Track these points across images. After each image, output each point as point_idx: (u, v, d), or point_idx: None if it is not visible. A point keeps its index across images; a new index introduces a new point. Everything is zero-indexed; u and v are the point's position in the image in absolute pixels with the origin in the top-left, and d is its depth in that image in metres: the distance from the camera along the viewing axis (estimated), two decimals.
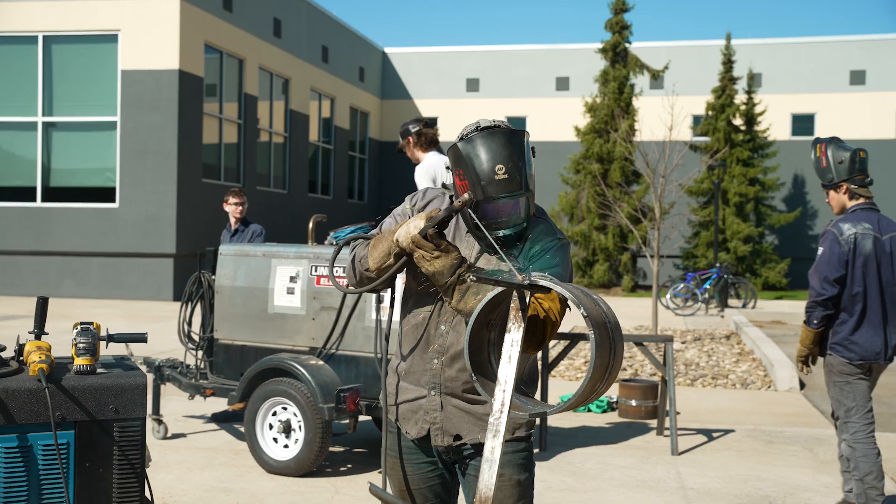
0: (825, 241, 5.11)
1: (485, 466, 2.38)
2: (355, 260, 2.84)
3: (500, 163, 2.63)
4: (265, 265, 6.83)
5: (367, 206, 29.61)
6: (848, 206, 5.20)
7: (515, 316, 2.41)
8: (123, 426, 2.67)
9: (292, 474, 6.02)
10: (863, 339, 5.01)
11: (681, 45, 29.46)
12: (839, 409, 5.12)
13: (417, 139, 6.80)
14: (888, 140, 28.65)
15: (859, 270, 5.03)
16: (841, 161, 5.16)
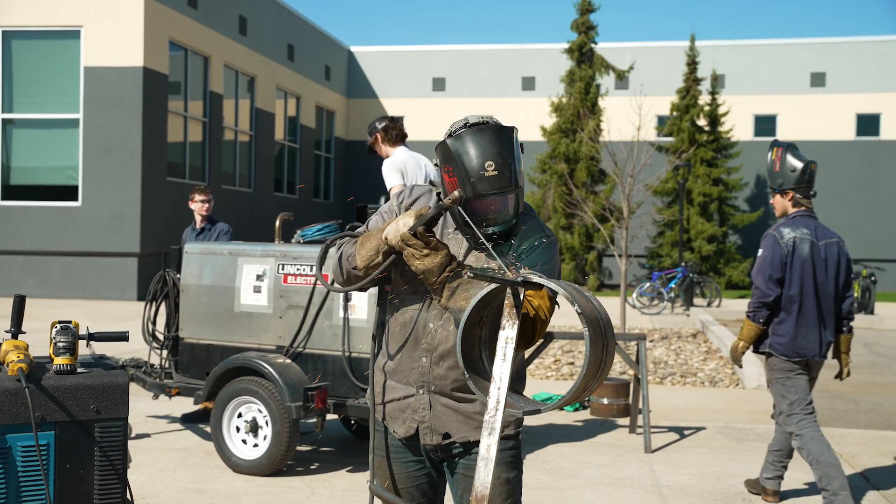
0: (766, 244, 5.42)
1: (480, 464, 2.36)
2: (342, 258, 2.81)
3: (490, 159, 2.62)
4: (231, 263, 6.78)
5: (333, 206, 29.49)
6: (790, 211, 5.52)
7: (510, 313, 2.39)
8: (105, 426, 2.62)
9: (260, 474, 5.98)
10: (800, 338, 5.31)
11: (646, 45, 29.67)
12: (782, 404, 5.39)
13: (385, 134, 6.81)
14: (847, 141, 29.05)
15: (797, 273, 5.34)
16: (794, 170, 5.46)
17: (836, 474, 5.15)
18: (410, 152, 6.83)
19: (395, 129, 6.82)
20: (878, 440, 7.50)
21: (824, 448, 5.24)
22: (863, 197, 28.80)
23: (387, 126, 6.82)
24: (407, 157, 6.72)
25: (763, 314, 5.36)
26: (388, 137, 6.83)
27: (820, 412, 8.70)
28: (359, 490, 5.72)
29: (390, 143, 6.83)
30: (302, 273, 6.58)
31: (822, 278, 5.38)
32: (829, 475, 5.16)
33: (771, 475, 5.61)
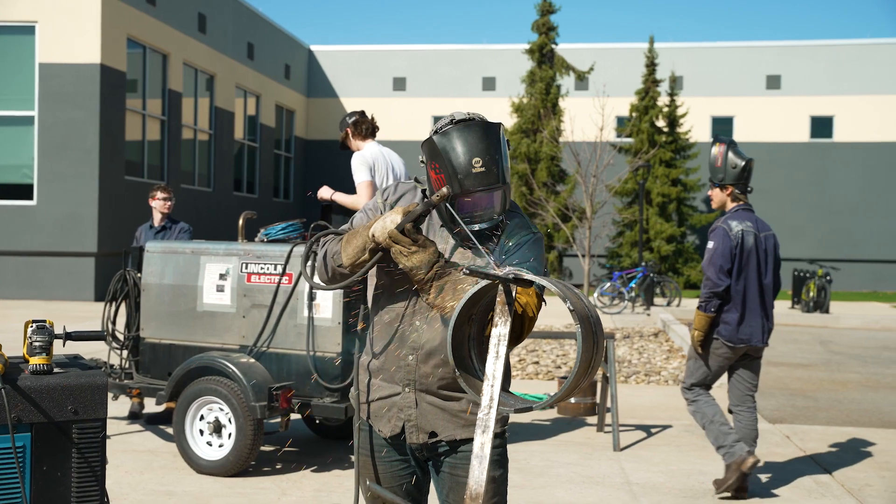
0: (716, 236, 5.69)
1: (475, 462, 2.34)
2: (327, 256, 2.77)
3: (477, 156, 2.60)
4: (194, 262, 6.71)
5: (293, 205, 29.31)
6: (728, 206, 5.83)
7: (502, 310, 2.38)
8: (83, 427, 2.55)
9: (224, 474, 5.92)
10: (744, 325, 5.63)
11: (605, 47, 29.87)
12: (692, 377, 5.81)
13: (355, 129, 6.83)
14: (801, 143, 29.49)
15: (746, 263, 5.66)
16: (735, 166, 5.76)
17: (727, 431, 5.55)
18: (381, 147, 6.82)
19: (366, 124, 6.83)
20: (840, 436, 7.60)
21: (717, 410, 5.67)
22: (816, 197, 29.24)
23: (357, 121, 6.83)
24: (376, 152, 6.71)
25: (714, 304, 5.60)
26: (358, 132, 6.84)
27: (781, 409, 8.81)
28: (330, 490, 5.66)
29: (360, 137, 6.84)
30: (266, 272, 6.53)
31: (764, 268, 5.71)
32: (722, 432, 5.54)
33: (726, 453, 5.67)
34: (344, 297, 6.26)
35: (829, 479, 6.21)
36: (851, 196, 28.96)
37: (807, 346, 14.38)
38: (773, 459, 6.72)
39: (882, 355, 13.39)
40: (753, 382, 5.83)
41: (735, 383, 5.84)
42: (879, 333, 16.81)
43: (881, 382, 10.74)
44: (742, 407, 5.79)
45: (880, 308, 21.49)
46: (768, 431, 7.69)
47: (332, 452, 6.70)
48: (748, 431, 5.70)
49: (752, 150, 29.41)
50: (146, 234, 8.35)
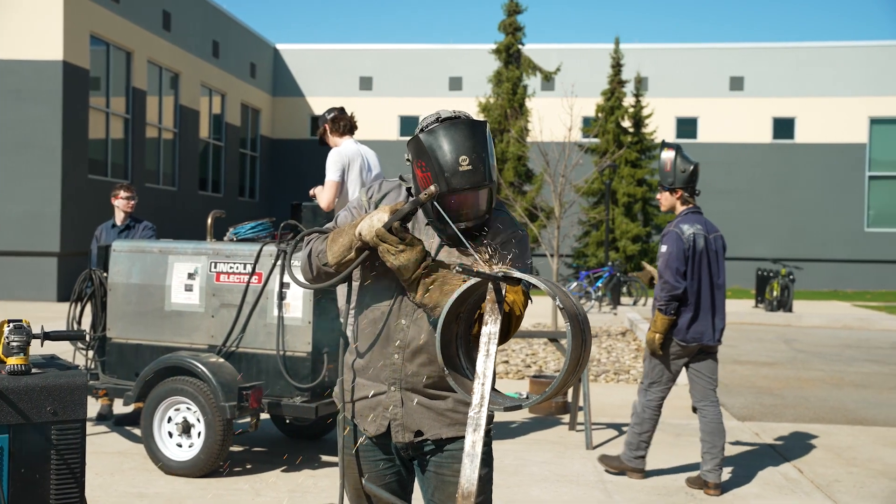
0: (669, 240, 5.83)
1: (466, 461, 2.34)
2: (312, 255, 2.75)
3: (464, 154, 2.59)
4: (162, 262, 6.66)
5: (259, 205, 29.10)
6: (678, 208, 6.04)
7: (492, 309, 2.37)
8: (62, 429, 2.50)
9: (192, 475, 5.87)
10: (697, 325, 5.81)
11: (572, 47, 29.98)
12: (646, 379, 6.01)
13: (332, 125, 6.83)
14: (764, 144, 29.79)
15: (696, 266, 5.85)
16: (684, 170, 5.95)
17: (649, 428, 5.97)
18: (358, 145, 6.80)
19: (343, 121, 6.81)
20: (808, 433, 7.67)
21: (651, 430, 6.00)
22: (779, 198, 29.57)
23: (335, 117, 6.83)
24: (353, 151, 6.69)
25: (674, 306, 5.77)
26: (335, 128, 6.83)
27: (749, 407, 8.88)
28: (304, 491, 5.62)
29: (337, 133, 6.83)
30: (235, 271, 6.49)
31: (715, 269, 5.93)
32: (644, 419, 5.95)
33: (710, 467, 5.77)
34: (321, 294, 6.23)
35: (799, 476, 6.27)
36: (813, 196, 29.32)
37: (771, 344, 14.53)
38: (744, 456, 6.77)
39: (844, 353, 13.56)
40: (712, 377, 5.98)
41: (694, 380, 5.98)
42: (841, 332, 17.03)
43: (845, 380, 10.88)
44: (705, 402, 5.92)
45: (841, 307, 21.78)
46: (737, 429, 7.75)
47: (302, 452, 6.65)
48: (715, 426, 5.81)
49: (716, 150, 29.74)
50: (108, 234, 8.24)
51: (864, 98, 29.20)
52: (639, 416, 5.98)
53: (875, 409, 9.03)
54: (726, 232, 31.25)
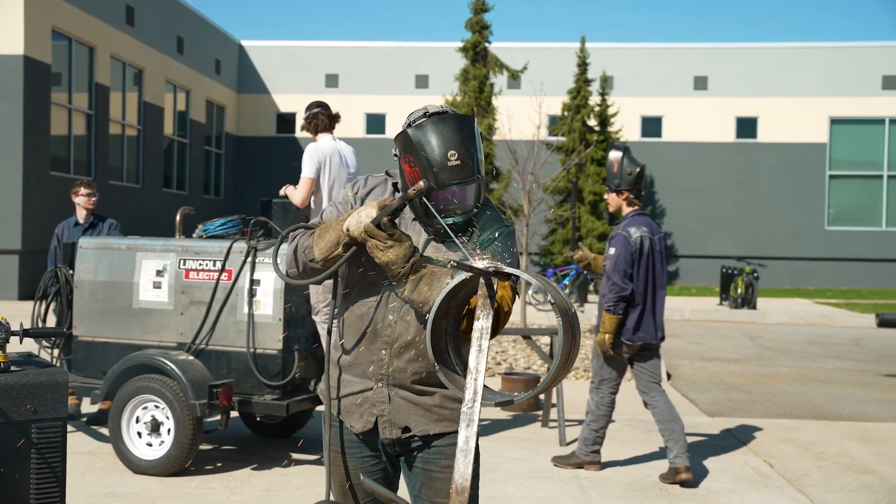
0: (617, 243, 6.00)
1: (460, 456, 2.34)
2: (298, 250, 2.72)
3: (453, 149, 2.57)
4: (129, 259, 6.59)
5: (224, 202, 28.86)
6: (624, 209, 6.21)
7: (484, 304, 2.36)
8: (42, 427, 2.44)
9: (161, 474, 5.80)
10: (644, 324, 6.01)
11: (538, 46, 30.06)
12: (595, 377, 6.19)
13: (308, 123, 6.81)
14: (727, 143, 30.07)
15: (643, 267, 6.03)
16: (630, 173, 6.14)
17: (604, 424, 6.11)
18: (337, 142, 6.76)
19: (323, 117, 6.76)
20: (776, 428, 7.75)
21: (610, 412, 6.14)
22: (742, 196, 29.87)
23: (316, 113, 6.81)
24: (331, 148, 6.66)
25: (622, 306, 5.94)
26: (315, 125, 6.77)
27: (718, 403, 8.95)
28: (279, 489, 5.57)
29: (317, 130, 6.78)
30: (205, 268, 6.43)
31: (659, 269, 6.12)
32: (594, 438, 6.09)
33: (676, 452, 5.89)
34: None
35: (770, 470, 6.32)
36: (775, 195, 29.65)
37: (737, 341, 14.66)
38: (715, 451, 6.82)
39: (808, 350, 13.72)
40: (655, 372, 6.15)
41: (639, 375, 6.15)
42: (804, 329, 17.24)
43: (809, 376, 11.00)
44: (653, 392, 6.08)
45: (803, 304, 22.05)
46: (708, 425, 7.81)
47: (272, 450, 6.60)
48: (668, 413, 5.97)
49: (681, 149, 29.98)
50: (71, 232, 8.12)
51: (824, 99, 29.59)
52: (594, 413, 6.12)
53: (840, 404, 9.14)
54: (690, 230, 31.48)
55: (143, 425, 5.98)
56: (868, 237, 29.55)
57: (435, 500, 2.76)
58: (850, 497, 5.75)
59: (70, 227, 8.16)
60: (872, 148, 29.92)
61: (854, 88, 29.53)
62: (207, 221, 6.83)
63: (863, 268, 29.35)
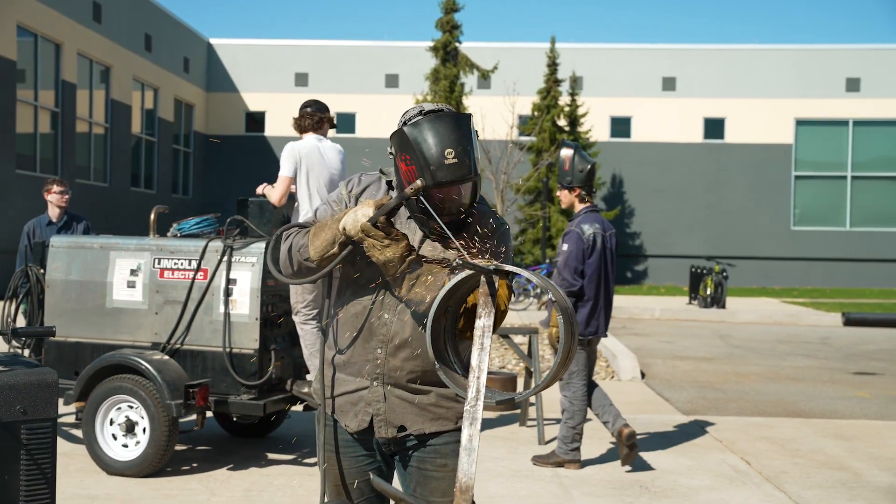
0: (570, 240, 6.12)
1: (463, 455, 2.33)
2: (292, 249, 2.70)
3: (450, 146, 2.56)
4: (103, 258, 6.52)
5: (192, 201, 28.61)
6: (577, 206, 6.36)
7: (485, 302, 2.36)
8: (32, 428, 2.38)
9: (137, 475, 5.74)
10: (593, 319, 6.17)
11: (508, 46, 30.11)
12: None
13: (299, 120, 6.72)
14: (696, 143, 30.29)
15: (595, 264, 6.15)
16: (581, 169, 6.27)
17: (581, 419, 6.15)
18: (322, 141, 6.68)
19: (308, 117, 6.70)
20: (751, 426, 7.80)
21: (585, 406, 6.20)
22: (710, 196, 30.11)
23: (304, 113, 6.75)
24: (310, 147, 6.60)
25: (570, 301, 5.85)
26: (300, 124, 6.74)
27: (692, 402, 9.00)
28: (260, 490, 5.51)
29: (302, 130, 6.74)
30: (180, 267, 6.38)
31: (610, 266, 6.28)
32: (573, 437, 6.12)
33: (559, 442, 6.19)
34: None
35: (748, 468, 6.36)
36: (742, 195, 29.91)
37: (708, 340, 14.77)
38: (692, 449, 6.85)
39: (777, 348, 13.85)
40: (584, 363, 6.31)
41: None
42: (773, 327, 17.40)
43: (780, 374, 11.10)
44: (573, 378, 6.25)
45: (771, 303, 22.26)
46: (684, 423, 7.85)
47: (247, 450, 6.55)
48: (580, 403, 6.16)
49: (649, 150, 30.17)
50: (44, 231, 8.01)
51: (789, 100, 29.91)
52: (569, 410, 6.17)
53: (812, 401, 9.23)
54: (659, 230, 31.67)
55: (117, 427, 5.91)
56: (832, 237, 29.92)
57: (430, 498, 2.74)
58: (827, 493, 5.80)
59: (42, 226, 8.05)
60: (837, 149, 30.29)
61: (819, 90, 29.88)
62: (182, 220, 6.77)
63: (827, 267, 29.71)
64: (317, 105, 6.79)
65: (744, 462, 6.51)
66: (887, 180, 30.13)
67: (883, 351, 13.76)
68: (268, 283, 6.32)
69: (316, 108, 6.76)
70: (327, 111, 6.80)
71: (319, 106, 6.79)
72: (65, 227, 8.16)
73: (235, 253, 6.24)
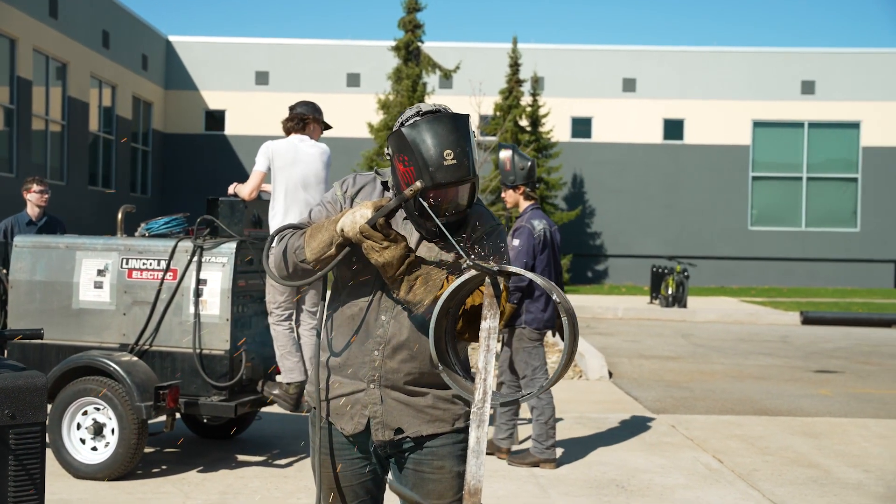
0: (521, 235, 6.26)
1: (471, 457, 2.31)
2: (288, 251, 2.66)
3: (448, 148, 2.54)
4: (69, 258, 6.43)
5: (151, 200, 28.24)
6: (522, 204, 6.51)
7: (490, 303, 2.34)
8: (20, 433, 2.31)
9: (105, 478, 5.65)
10: (546, 314, 6.32)
11: (471, 46, 30.13)
12: (527, 370, 6.33)
13: (286, 121, 6.67)
14: (655, 144, 30.55)
15: (546, 258, 6.34)
16: (522, 167, 6.46)
17: (551, 414, 6.25)
18: (304, 142, 6.60)
19: (294, 119, 6.67)
20: (721, 424, 7.87)
21: (553, 414, 6.30)
22: (669, 197, 30.37)
23: (291, 115, 6.71)
24: (287, 146, 6.53)
25: (517, 296, 6.22)
26: (286, 125, 6.68)
27: (660, 401, 9.06)
28: (236, 492, 5.44)
29: (287, 130, 6.67)
30: (149, 268, 6.30)
31: (558, 260, 6.49)
32: (548, 434, 6.18)
33: (504, 435, 6.39)
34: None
35: (720, 466, 6.41)
36: (700, 196, 30.22)
37: (671, 339, 14.89)
38: (665, 448, 6.89)
39: (739, 347, 14.00)
40: None
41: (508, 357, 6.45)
42: (733, 326, 17.60)
43: (744, 373, 11.22)
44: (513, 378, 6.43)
45: (730, 302, 22.51)
46: (654, 421, 7.90)
47: (216, 451, 6.47)
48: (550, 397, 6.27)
49: (610, 150, 30.35)
50: (23, 230, 7.96)
51: (747, 102, 30.27)
52: (538, 406, 6.26)
53: (777, 399, 9.33)
54: (619, 230, 31.84)
55: (85, 430, 5.81)
56: (788, 237, 30.35)
57: (427, 500, 2.71)
58: (799, 491, 5.86)
59: (21, 225, 7.97)
60: (792, 151, 30.72)
61: (775, 92, 30.29)
62: (151, 220, 6.68)
63: (783, 267, 30.14)
64: (305, 106, 6.73)
65: (716, 460, 6.55)
66: (841, 181, 30.63)
67: (841, 349, 13.97)
68: (239, 283, 6.25)
69: (303, 109, 6.70)
70: (315, 112, 6.73)
71: (308, 107, 6.73)
72: (46, 227, 8.07)
73: (206, 253, 6.18)
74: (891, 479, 6.21)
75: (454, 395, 2.75)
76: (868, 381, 10.77)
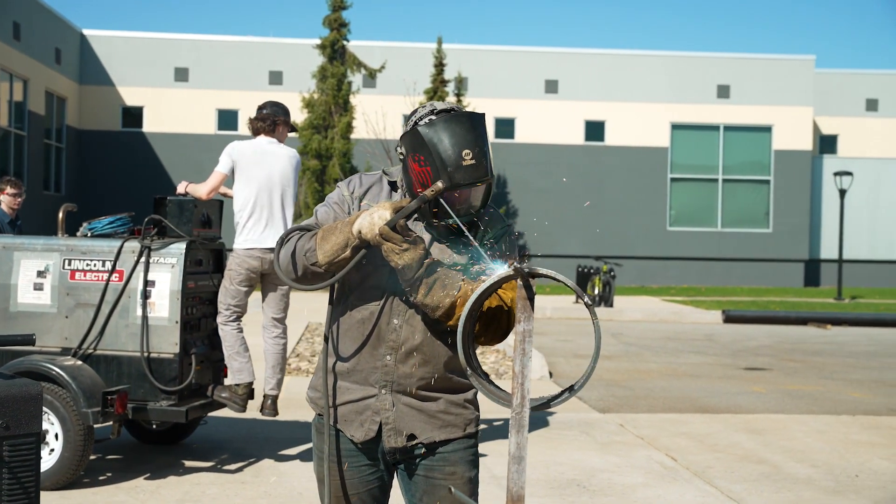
0: None
1: (513, 464, 2.26)
2: (297, 253, 2.55)
3: (467, 148, 2.49)
4: (6, 259, 6.24)
5: (65, 199, 27.38)
6: None
7: (524, 306, 2.27)
8: (14, 444, 2.19)
9: (49, 487, 5.41)
10: None
11: (396, 45, 30.03)
12: None
13: (250, 124, 6.58)
14: (577, 145, 30.94)
15: None
16: None
17: None
18: (273, 144, 6.45)
19: (261, 120, 6.48)
20: (666, 422, 7.97)
21: None
22: (590, 197, 30.77)
23: (258, 115, 6.52)
24: (252, 148, 6.39)
25: None
26: (254, 126, 6.53)
27: (604, 400, 9.14)
28: (195, 500, 5.26)
29: (255, 131, 6.53)
30: (93, 269, 6.10)
31: None
32: None
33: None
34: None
35: (675, 464, 6.48)
36: (621, 196, 30.71)
37: (603, 338, 15.02)
38: (619, 447, 6.94)
39: (668, 345, 14.24)
40: None
41: None
42: (659, 325, 17.92)
43: (678, 371, 11.41)
44: None
45: (653, 302, 22.91)
46: (602, 421, 7.95)
47: (162, 457, 6.29)
48: None
49: (533, 151, 30.62)
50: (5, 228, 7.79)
51: (665, 104, 30.90)
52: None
53: (715, 397, 9.50)
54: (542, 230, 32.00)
55: None
56: (705, 237, 31.09)
57: None
58: (754, 486, 5.96)
59: (4, 224, 7.80)
60: (708, 153, 31.48)
61: (692, 96, 31.00)
62: (94, 219, 6.46)
63: (700, 266, 30.87)
64: (275, 107, 6.58)
65: (669, 458, 6.63)
66: (754, 183, 31.49)
67: (765, 347, 14.34)
68: (188, 285, 6.08)
69: (271, 110, 6.54)
70: (285, 115, 6.59)
71: (277, 108, 6.58)
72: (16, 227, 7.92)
73: (154, 254, 6.01)
74: (838, 473, 6.37)
75: (466, 399, 2.70)
76: (796, 377, 11.07)
